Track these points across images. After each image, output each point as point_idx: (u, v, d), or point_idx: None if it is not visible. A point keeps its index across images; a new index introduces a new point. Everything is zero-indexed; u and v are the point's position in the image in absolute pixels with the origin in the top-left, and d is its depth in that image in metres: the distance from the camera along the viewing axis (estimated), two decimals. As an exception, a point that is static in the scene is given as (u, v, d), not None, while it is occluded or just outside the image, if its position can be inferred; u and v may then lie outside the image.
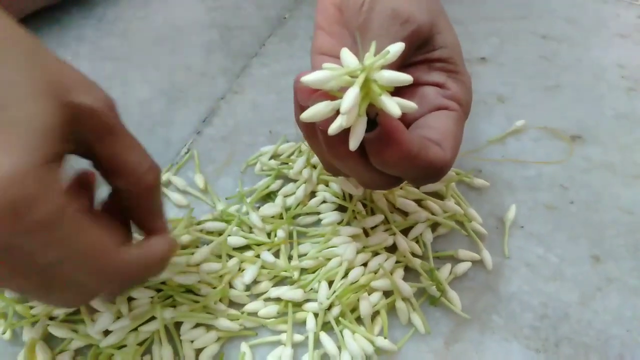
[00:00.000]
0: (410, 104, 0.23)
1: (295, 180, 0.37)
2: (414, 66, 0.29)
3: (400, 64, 0.28)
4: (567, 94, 0.45)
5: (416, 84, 0.29)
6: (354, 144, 0.22)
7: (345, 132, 0.22)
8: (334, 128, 0.22)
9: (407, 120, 0.28)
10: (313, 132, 0.26)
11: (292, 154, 0.39)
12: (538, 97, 0.44)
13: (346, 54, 0.23)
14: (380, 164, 0.25)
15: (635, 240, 0.35)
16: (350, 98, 0.21)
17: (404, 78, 0.22)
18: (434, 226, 0.35)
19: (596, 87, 0.45)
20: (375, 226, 0.34)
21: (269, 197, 0.37)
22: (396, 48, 0.22)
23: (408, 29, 0.27)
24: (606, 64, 0.47)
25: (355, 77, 0.22)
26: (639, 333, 0.31)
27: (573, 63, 0.47)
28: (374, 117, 0.23)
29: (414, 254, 0.33)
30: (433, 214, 0.35)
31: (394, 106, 0.21)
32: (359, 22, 0.29)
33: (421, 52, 0.29)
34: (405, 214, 0.35)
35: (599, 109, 0.44)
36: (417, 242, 0.34)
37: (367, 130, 0.23)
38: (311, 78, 0.22)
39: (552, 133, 0.41)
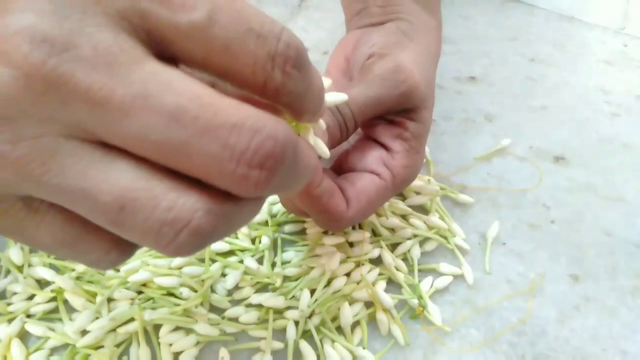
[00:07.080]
0: (324, 151, 0.23)
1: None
2: (391, 123, 0.31)
3: (378, 112, 0.30)
4: (552, 115, 0.46)
5: (374, 139, 0.31)
6: None
7: None
8: None
9: (346, 168, 0.30)
10: None
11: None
12: (524, 117, 0.45)
13: None
14: None
15: (614, 262, 0.36)
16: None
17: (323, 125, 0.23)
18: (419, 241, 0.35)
19: (580, 111, 0.46)
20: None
21: (255, 203, 0.37)
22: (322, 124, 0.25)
23: (401, 87, 0.29)
24: (591, 89, 0.48)
25: None
26: (614, 352, 0.31)
27: (559, 86, 0.48)
28: None
29: (398, 269, 0.33)
30: (417, 229, 0.35)
31: (310, 141, 0.23)
32: (365, 64, 0.31)
33: (403, 115, 0.30)
34: (393, 228, 0.35)
35: (583, 132, 0.44)
36: (405, 257, 0.34)
37: None
38: None
39: (536, 153, 0.42)
